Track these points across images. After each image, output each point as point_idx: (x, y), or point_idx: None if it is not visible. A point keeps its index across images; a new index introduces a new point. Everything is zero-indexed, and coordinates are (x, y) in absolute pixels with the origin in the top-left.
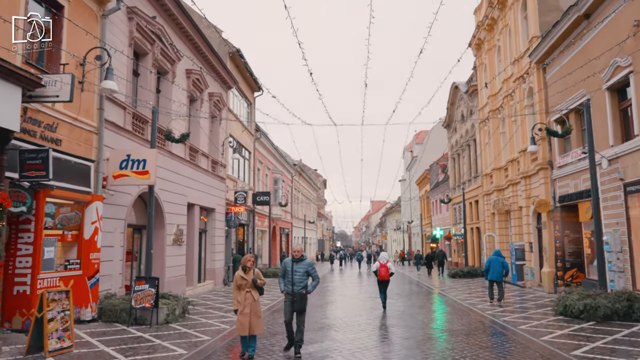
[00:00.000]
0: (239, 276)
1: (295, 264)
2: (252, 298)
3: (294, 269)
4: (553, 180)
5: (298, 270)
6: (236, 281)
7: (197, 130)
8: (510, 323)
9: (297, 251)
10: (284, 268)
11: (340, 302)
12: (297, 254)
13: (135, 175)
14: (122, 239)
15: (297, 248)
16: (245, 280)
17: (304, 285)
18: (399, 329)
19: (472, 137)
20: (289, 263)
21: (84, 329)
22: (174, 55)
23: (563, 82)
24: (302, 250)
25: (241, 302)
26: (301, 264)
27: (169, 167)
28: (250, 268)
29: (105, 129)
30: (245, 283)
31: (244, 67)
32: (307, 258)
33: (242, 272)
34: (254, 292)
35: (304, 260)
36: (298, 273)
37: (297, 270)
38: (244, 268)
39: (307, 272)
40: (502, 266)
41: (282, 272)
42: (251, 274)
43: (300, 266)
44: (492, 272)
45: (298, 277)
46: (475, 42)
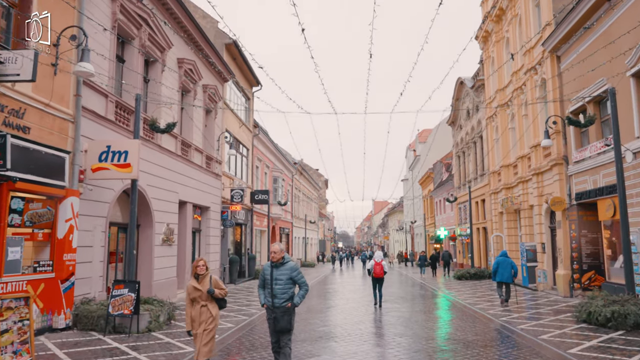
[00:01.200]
0: (191, 287)
1: (275, 270)
2: (209, 314)
3: (274, 276)
4: (568, 177)
5: (279, 277)
6: (188, 293)
7: (189, 124)
8: (530, 332)
9: (275, 252)
10: (262, 276)
11: (342, 307)
12: (275, 257)
13: (115, 169)
14: (103, 238)
15: (275, 248)
16: (199, 291)
17: (287, 297)
18: (406, 340)
19: (479, 133)
20: (267, 269)
21: (54, 339)
22: (164, 42)
23: (580, 71)
24: (283, 250)
25: (195, 319)
26: (282, 269)
27: (157, 162)
28: (203, 275)
29: (83, 117)
30: (200, 295)
31: (241, 60)
32: (290, 261)
33: (195, 280)
34: (212, 306)
35: (285, 264)
36: (279, 281)
37: (277, 277)
38: (196, 276)
39: (291, 278)
40: (510, 267)
41: (261, 281)
42: (206, 282)
43: (282, 272)
44: (502, 273)
45: (280, 286)
46: (482, 35)
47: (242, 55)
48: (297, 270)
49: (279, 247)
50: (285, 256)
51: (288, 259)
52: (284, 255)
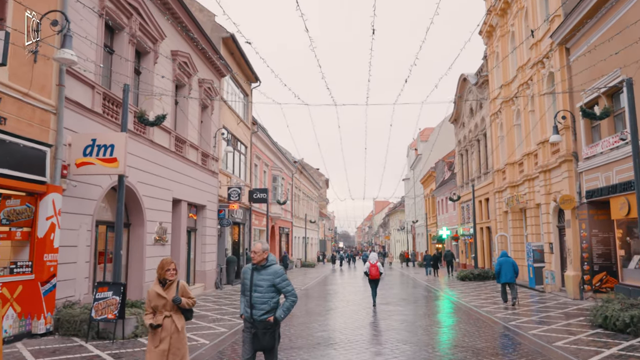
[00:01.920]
0: (153, 293)
1: (255, 274)
2: (175, 327)
3: (254, 281)
4: (578, 174)
5: (259, 283)
6: (150, 300)
7: (184, 120)
8: (542, 338)
9: (256, 252)
10: (242, 281)
11: (342, 310)
12: (255, 258)
13: (101, 163)
14: (89, 237)
15: (256, 247)
16: (164, 299)
17: (269, 309)
18: (410, 347)
19: (482, 131)
20: (247, 272)
21: (32, 345)
22: (156, 33)
23: (591, 63)
24: (266, 250)
25: (156, 333)
26: (264, 273)
27: (149, 158)
28: (171, 281)
29: (67, 109)
30: (164, 304)
31: (239, 55)
32: (274, 263)
33: (159, 286)
34: (177, 317)
35: (268, 267)
36: (259, 288)
37: (257, 283)
38: (162, 281)
39: (274, 286)
40: (512, 267)
41: (242, 286)
42: (173, 289)
43: (263, 277)
44: (504, 274)
45: (259, 295)
46: (486, 30)
47: (240, 51)
48: (281, 275)
49: (261, 246)
50: (270, 257)
51: (272, 261)
52: (268, 256)
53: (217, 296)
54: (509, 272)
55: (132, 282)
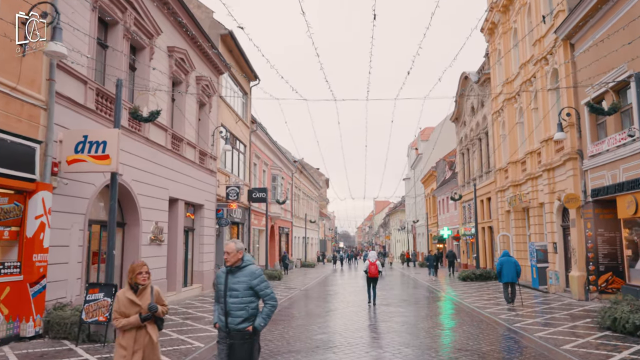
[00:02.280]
0: (125, 299)
1: (230, 277)
2: (149, 338)
3: (228, 284)
4: (583, 172)
5: (234, 287)
6: (119, 307)
7: (181, 117)
8: (549, 341)
9: (229, 252)
10: (216, 286)
11: (342, 311)
12: (228, 259)
13: (93, 161)
14: (81, 237)
15: (229, 247)
16: (137, 306)
17: (247, 316)
18: (413, 351)
19: (484, 129)
20: (221, 276)
21: (19, 349)
22: (152, 28)
23: (597, 59)
24: (241, 249)
25: (128, 347)
26: (239, 275)
27: (145, 156)
28: (143, 285)
29: (58, 104)
30: (137, 311)
31: (238, 53)
32: (251, 263)
33: (131, 292)
34: (152, 328)
35: (244, 268)
36: (234, 292)
37: (233, 287)
38: (134, 286)
39: (252, 288)
40: (514, 266)
41: (216, 292)
42: (147, 295)
43: (239, 280)
44: (506, 274)
45: (236, 300)
46: (488, 27)
47: (239, 48)
48: (259, 276)
49: (235, 245)
50: (245, 257)
51: (248, 262)
52: (243, 256)
53: None
54: (510, 272)
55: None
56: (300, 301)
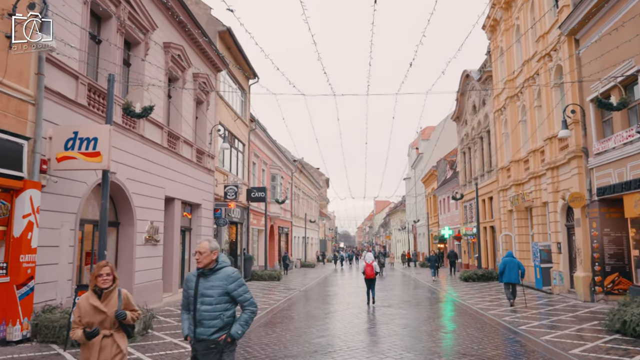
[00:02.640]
0: (87, 306)
1: (202, 281)
2: (117, 349)
3: (200, 290)
4: (588, 170)
5: (207, 292)
6: (80, 314)
7: (178, 115)
8: (557, 345)
9: (201, 253)
10: (184, 292)
11: (342, 313)
12: (201, 260)
13: (83, 158)
14: (72, 237)
15: (202, 246)
16: (102, 313)
17: (222, 325)
18: (416, 356)
19: (486, 128)
20: (191, 279)
21: (4, 354)
22: (147, 23)
23: (602, 54)
24: (215, 250)
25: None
26: (213, 279)
27: (140, 154)
28: (107, 289)
29: (47, 99)
30: (102, 319)
31: (236, 50)
32: (227, 265)
33: (95, 297)
34: (119, 337)
35: (219, 270)
36: (207, 299)
37: (205, 293)
38: (98, 290)
39: (228, 294)
40: (517, 267)
41: (184, 299)
42: (114, 300)
43: (213, 284)
44: (509, 274)
45: (208, 307)
46: (490, 24)
47: (237, 45)
48: (236, 280)
49: (209, 244)
50: (220, 259)
51: (224, 264)
52: (218, 257)
53: None
54: (513, 272)
55: (121, 284)
56: (299, 302)
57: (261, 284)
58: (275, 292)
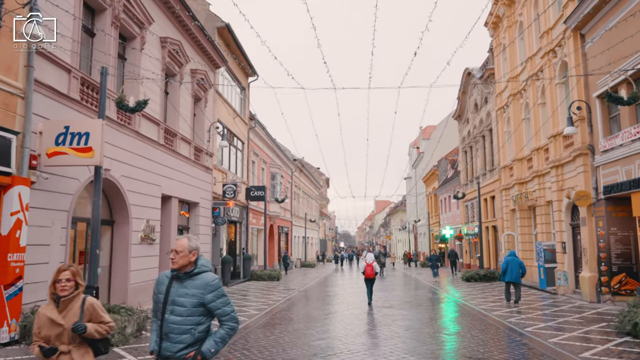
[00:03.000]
0: (44, 318)
1: (175, 286)
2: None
3: (171, 296)
4: (595, 168)
5: (180, 300)
6: (38, 327)
7: (175, 112)
8: (566, 348)
9: (178, 252)
10: (154, 294)
11: (342, 314)
12: (176, 260)
13: (75, 153)
14: (64, 235)
15: (179, 244)
16: (59, 326)
17: (192, 340)
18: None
19: (488, 126)
20: (163, 281)
21: None
22: (143, 17)
23: (609, 49)
24: (195, 250)
25: None
26: (189, 285)
27: (135, 151)
28: (69, 297)
29: (37, 93)
30: (59, 333)
31: (235, 47)
32: (207, 270)
33: (53, 306)
34: (80, 354)
35: (196, 275)
36: (179, 309)
37: (177, 300)
38: (56, 297)
39: (204, 305)
40: (519, 267)
41: (154, 306)
42: (74, 310)
43: (187, 291)
44: (510, 273)
45: (178, 319)
46: (492, 21)
47: (236, 42)
48: (216, 289)
49: (187, 242)
50: (200, 262)
51: (203, 268)
52: (197, 260)
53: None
54: (514, 272)
55: (116, 284)
56: (299, 303)
57: (260, 284)
58: (275, 293)
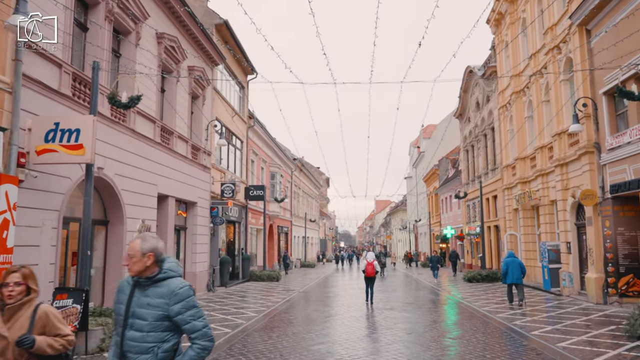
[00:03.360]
0: None
1: (137, 295)
2: None
3: (132, 307)
4: (601, 166)
5: (140, 313)
6: None
7: (171, 109)
8: (576, 352)
9: (132, 256)
10: (115, 303)
11: (342, 316)
12: (132, 265)
13: (65, 151)
14: (54, 236)
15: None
16: (3, 339)
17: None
18: None
19: (490, 125)
20: (123, 290)
21: None
22: (138, 12)
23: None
24: (155, 250)
25: None
26: (152, 293)
27: (130, 149)
28: (16, 304)
29: (26, 88)
30: (3, 347)
31: (234, 44)
32: (175, 276)
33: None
34: None
35: (161, 282)
36: (138, 323)
37: (138, 312)
38: (2, 305)
39: (169, 318)
40: (519, 267)
41: (115, 317)
42: (23, 320)
43: (149, 302)
44: (511, 274)
45: (137, 336)
46: (495, 18)
47: (235, 39)
48: (185, 299)
49: (140, 245)
50: (166, 265)
51: (170, 272)
52: (162, 262)
53: (208, 300)
54: (516, 273)
55: (110, 286)
56: (299, 304)
57: (259, 284)
58: (274, 294)
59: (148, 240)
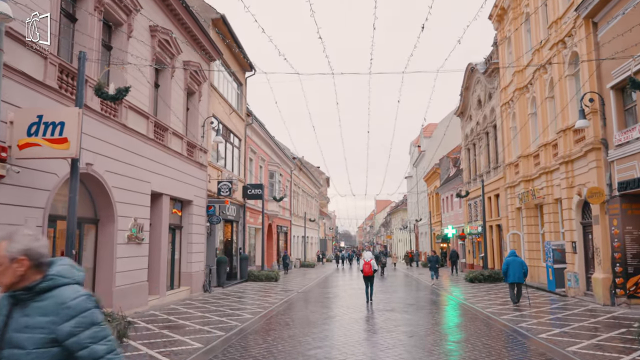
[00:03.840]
0: None
1: (16, 314)
2: None
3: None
4: (609, 163)
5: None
6: None
7: (166, 106)
8: (588, 358)
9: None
10: None
11: (341, 318)
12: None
13: (48, 145)
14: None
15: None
16: None
17: None
18: None
19: (492, 122)
20: (2, 306)
21: None
22: (130, 3)
23: (623, 36)
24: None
25: None
26: (33, 311)
27: (121, 145)
28: None
29: (8, 79)
30: None
31: (232, 40)
32: (68, 282)
33: None
34: None
35: (47, 295)
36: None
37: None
38: None
39: (57, 343)
40: (521, 267)
41: None
42: None
43: (29, 322)
44: (513, 274)
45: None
46: (497, 13)
47: (232, 34)
48: (79, 314)
49: (7, 248)
50: (54, 269)
51: (59, 279)
52: (49, 268)
53: (204, 301)
54: (517, 272)
55: (100, 287)
56: (297, 305)
57: (258, 285)
58: (272, 294)
59: (17, 241)
